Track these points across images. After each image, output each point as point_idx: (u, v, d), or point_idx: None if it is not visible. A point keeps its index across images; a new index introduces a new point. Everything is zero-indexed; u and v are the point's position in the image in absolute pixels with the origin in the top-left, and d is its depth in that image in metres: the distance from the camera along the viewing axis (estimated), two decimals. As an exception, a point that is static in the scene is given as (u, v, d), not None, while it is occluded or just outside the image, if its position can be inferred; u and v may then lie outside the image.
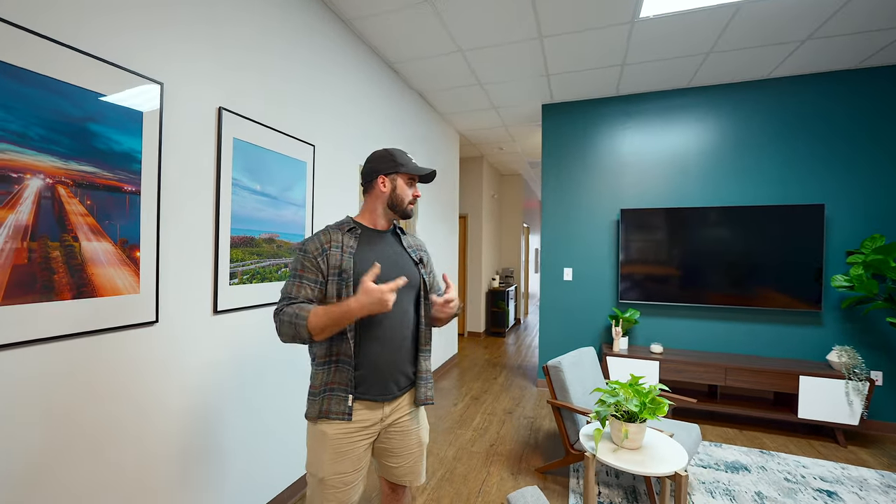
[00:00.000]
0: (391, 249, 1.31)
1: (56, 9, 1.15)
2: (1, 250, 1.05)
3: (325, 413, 1.16)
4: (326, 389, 1.18)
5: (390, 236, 1.35)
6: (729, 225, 3.21)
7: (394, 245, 1.33)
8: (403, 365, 1.27)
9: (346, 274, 1.18)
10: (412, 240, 1.42)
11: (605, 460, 1.52)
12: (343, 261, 1.19)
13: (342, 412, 1.16)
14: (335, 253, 1.19)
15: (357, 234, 1.26)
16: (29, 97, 1.09)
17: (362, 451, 1.22)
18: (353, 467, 1.20)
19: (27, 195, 1.09)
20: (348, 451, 1.19)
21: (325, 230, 1.24)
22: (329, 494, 1.18)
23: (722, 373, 2.98)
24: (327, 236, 1.22)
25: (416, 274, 1.32)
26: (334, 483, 1.17)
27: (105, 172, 1.27)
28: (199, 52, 1.58)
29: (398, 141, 3.31)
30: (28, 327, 1.10)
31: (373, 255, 1.23)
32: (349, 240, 1.23)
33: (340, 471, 1.18)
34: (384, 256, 1.26)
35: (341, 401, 1.17)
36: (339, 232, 1.24)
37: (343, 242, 1.21)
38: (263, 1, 1.90)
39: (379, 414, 1.23)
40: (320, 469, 1.17)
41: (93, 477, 1.24)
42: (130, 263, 1.35)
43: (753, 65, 3.01)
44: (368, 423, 1.22)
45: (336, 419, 1.16)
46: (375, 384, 1.22)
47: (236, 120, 1.75)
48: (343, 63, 2.53)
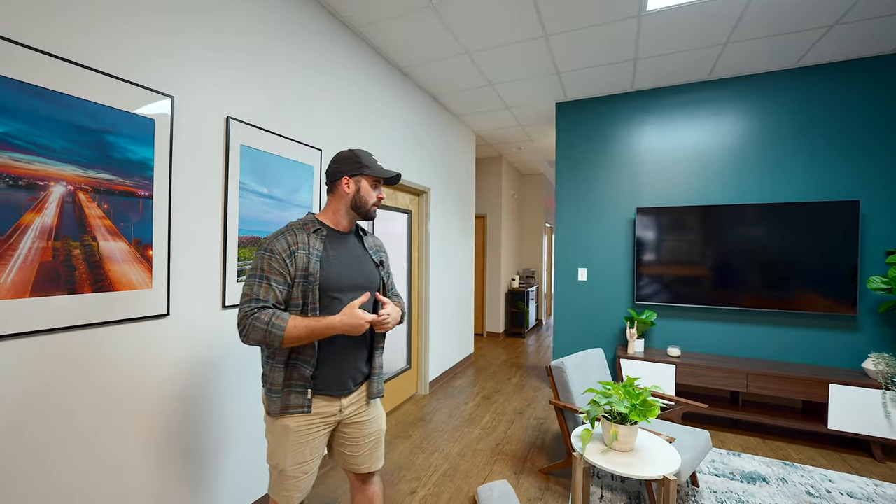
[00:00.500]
0: (355, 252, 1.34)
1: (75, 33, 1.29)
2: (29, 249, 1.19)
3: (284, 409, 1.21)
4: (286, 386, 1.22)
5: (353, 237, 1.37)
6: (755, 223, 3.05)
7: (357, 247, 1.36)
8: (360, 362, 1.33)
9: (312, 277, 1.20)
10: (373, 241, 1.46)
11: (593, 461, 1.51)
12: (310, 264, 1.20)
13: (302, 405, 1.22)
14: (302, 255, 1.20)
15: (322, 235, 1.28)
16: (54, 114, 1.24)
17: (320, 440, 1.29)
18: (311, 455, 1.26)
19: (52, 200, 1.24)
20: (308, 442, 1.25)
21: (291, 230, 1.24)
22: (289, 484, 1.24)
23: (743, 378, 2.84)
24: (294, 237, 1.22)
25: (376, 276, 1.37)
26: (294, 473, 1.24)
27: (121, 179, 1.41)
28: (207, 65, 1.71)
29: (410, 142, 3.38)
30: (53, 317, 1.24)
31: (337, 258, 1.28)
32: (315, 241, 1.24)
33: (300, 461, 1.24)
34: (349, 259, 1.31)
35: (300, 396, 1.22)
36: (305, 232, 1.25)
37: (310, 244, 1.23)
38: (266, 10, 2.02)
39: (337, 406, 1.29)
40: (282, 461, 1.23)
41: (110, 449, 1.38)
42: (144, 261, 1.48)
43: (777, 54, 2.85)
44: (327, 415, 1.27)
45: (296, 413, 1.21)
46: (334, 381, 1.27)
47: (243, 128, 1.87)
48: (350, 68, 2.62)
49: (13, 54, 1.15)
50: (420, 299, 3.70)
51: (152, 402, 1.51)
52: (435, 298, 3.87)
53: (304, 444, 1.24)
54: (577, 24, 2.52)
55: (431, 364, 3.81)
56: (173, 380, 1.58)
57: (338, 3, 2.35)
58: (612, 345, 3.59)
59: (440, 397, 3.64)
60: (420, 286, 3.71)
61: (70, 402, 1.28)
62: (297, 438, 1.23)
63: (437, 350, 3.92)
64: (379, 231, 3.18)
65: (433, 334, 3.84)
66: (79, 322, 1.30)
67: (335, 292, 1.24)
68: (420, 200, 3.73)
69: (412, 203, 3.63)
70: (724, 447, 2.73)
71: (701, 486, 2.25)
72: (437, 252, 3.91)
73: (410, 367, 3.62)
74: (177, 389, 1.59)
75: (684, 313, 3.34)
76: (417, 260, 3.70)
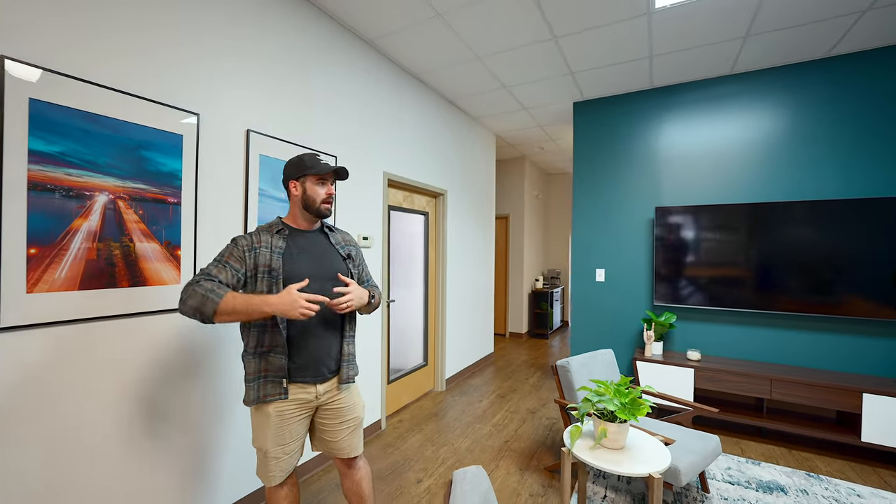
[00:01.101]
0: (319, 248, 1.45)
1: (117, 64, 1.50)
2: (78, 249, 1.41)
3: (262, 398, 1.33)
4: (261, 376, 1.34)
5: (318, 234, 1.49)
6: (786, 222, 2.90)
7: (322, 243, 1.48)
8: (332, 350, 1.44)
9: (275, 272, 1.33)
10: (341, 236, 1.56)
11: (581, 456, 1.55)
12: (273, 260, 1.34)
13: (279, 393, 1.34)
14: (265, 253, 1.34)
15: (284, 234, 1.41)
16: (99, 134, 1.45)
17: (299, 425, 1.41)
18: (291, 438, 1.39)
19: (96, 208, 1.45)
20: (288, 426, 1.37)
21: (256, 231, 1.40)
22: (272, 465, 1.37)
23: (766, 384, 2.71)
24: (257, 237, 1.36)
25: (343, 268, 1.47)
26: (276, 454, 1.37)
27: (153, 188, 1.62)
28: (230, 85, 1.90)
29: (426, 145, 3.50)
30: (97, 307, 1.46)
31: (301, 254, 1.39)
32: (278, 241, 1.38)
33: (281, 443, 1.37)
34: (313, 254, 1.42)
35: (277, 384, 1.34)
36: (269, 234, 1.39)
37: (272, 243, 1.36)
38: (287, 31, 2.20)
39: (313, 392, 1.41)
40: (264, 444, 1.36)
41: (140, 415, 1.59)
42: (173, 260, 1.69)
43: (806, 44, 2.70)
44: (304, 401, 1.40)
45: (274, 399, 1.33)
46: (309, 369, 1.39)
47: (262, 139, 2.05)
48: (365, 78, 2.77)
49: (67, 86, 1.37)
50: (437, 298, 3.81)
51: (177, 383, 1.71)
52: (452, 298, 3.97)
53: (284, 429, 1.37)
54: (584, 25, 2.53)
55: (448, 361, 3.91)
56: (195, 366, 1.78)
57: (350, 19, 2.50)
58: (631, 347, 3.53)
59: (456, 394, 3.73)
60: (436, 286, 3.81)
61: (114, 383, 1.50)
62: (277, 423, 1.35)
63: (453, 348, 4.01)
64: (396, 232, 3.32)
65: (450, 332, 3.93)
66: (118, 312, 1.51)
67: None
68: (437, 202, 3.83)
69: (429, 205, 3.74)
70: (744, 455, 2.63)
71: (712, 493, 2.20)
72: (454, 253, 4.00)
73: (427, 363, 3.73)
74: (193, 373, 1.79)
75: (706, 316, 3.23)
76: (434, 260, 3.81)
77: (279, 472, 1.39)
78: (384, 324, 3.03)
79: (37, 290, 1.32)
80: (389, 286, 3.21)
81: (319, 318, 1.40)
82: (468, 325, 4.31)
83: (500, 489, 2.24)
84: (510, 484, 2.30)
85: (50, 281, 1.34)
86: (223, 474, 1.88)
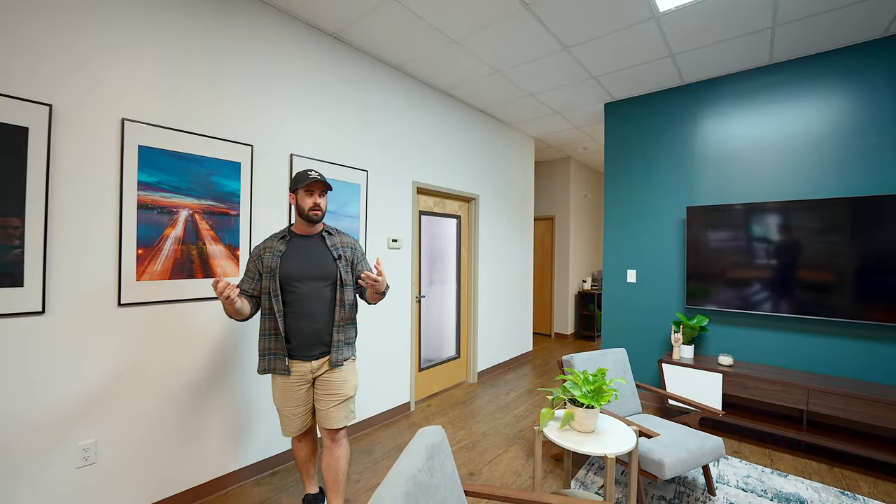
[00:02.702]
0: (314, 250, 1.75)
1: (192, 114, 2.04)
2: (169, 249, 1.96)
3: (271, 369, 1.71)
4: (269, 353, 1.71)
5: (316, 238, 1.78)
6: (837, 220, 2.66)
7: (317, 245, 1.77)
8: (321, 335, 1.74)
9: (273, 271, 1.67)
10: (338, 239, 1.82)
11: (549, 436, 1.73)
12: (272, 261, 1.68)
13: (283, 369, 1.70)
14: (268, 256, 1.70)
15: (287, 240, 1.74)
16: (182, 166, 2.00)
17: (303, 392, 1.75)
18: (296, 403, 1.76)
19: (180, 220, 2.00)
20: (292, 392, 1.74)
21: (267, 239, 1.76)
22: (285, 419, 1.78)
23: (802, 394, 2.54)
24: (265, 244, 1.73)
25: (332, 268, 1.75)
26: (286, 413, 1.77)
27: (219, 204, 2.14)
28: (280, 120, 2.40)
29: (457, 154, 3.79)
30: (182, 293, 2.01)
31: (296, 255, 1.71)
32: (280, 245, 1.72)
33: (288, 405, 1.75)
34: (306, 255, 1.72)
35: (281, 361, 1.70)
36: (275, 239, 1.74)
37: (274, 247, 1.71)
38: (322, 66, 2.65)
39: (308, 367, 1.74)
40: (278, 403, 1.78)
41: (199, 376, 2.12)
42: (233, 259, 2.21)
43: (853, 25, 2.48)
44: (302, 373, 1.73)
45: (280, 373, 1.71)
46: (302, 348, 1.71)
47: (303, 160, 2.53)
48: (395, 98, 3.16)
49: (162, 134, 1.92)
50: (469, 296, 4.07)
51: (229, 349, 2.23)
52: (484, 296, 4.20)
53: (289, 393, 1.74)
54: (589, 35, 2.63)
55: (480, 356, 4.15)
56: (244, 340, 2.29)
57: (378, 51, 2.89)
58: (662, 349, 3.45)
59: (486, 387, 3.96)
60: (469, 285, 4.08)
61: (193, 342, 2.04)
62: (282, 387, 1.75)
63: (486, 344, 4.24)
64: (429, 235, 3.66)
65: (482, 329, 4.17)
66: (196, 296, 2.05)
67: (293, 281, 1.69)
68: (469, 206, 4.10)
69: (461, 209, 4.03)
70: (773, 466, 2.50)
71: (719, 496, 2.18)
72: (486, 254, 4.23)
73: (459, 356, 4.02)
74: (240, 346, 2.30)
75: (741, 320, 3.06)
76: (466, 260, 4.08)
77: (290, 427, 1.78)
78: (414, 317, 3.39)
79: (143, 278, 1.88)
80: (420, 283, 3.57)
81: (313, 308, 1.71)
82: (502, 323, 4.50)
83: (504, 470, 2.45)
84: (514, 466, 2.50)
85: (151, 272, 1.91)
86: (261, 422, 2.37)
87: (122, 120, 1.81)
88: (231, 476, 2.19)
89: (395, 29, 2.60)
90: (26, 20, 1.57)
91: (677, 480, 2.33)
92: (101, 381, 1.77)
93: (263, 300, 1.72)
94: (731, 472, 2.43)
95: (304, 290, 1.70)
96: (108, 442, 1.79)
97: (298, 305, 1.70)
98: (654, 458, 1.95)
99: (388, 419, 3.12)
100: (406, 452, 1.21)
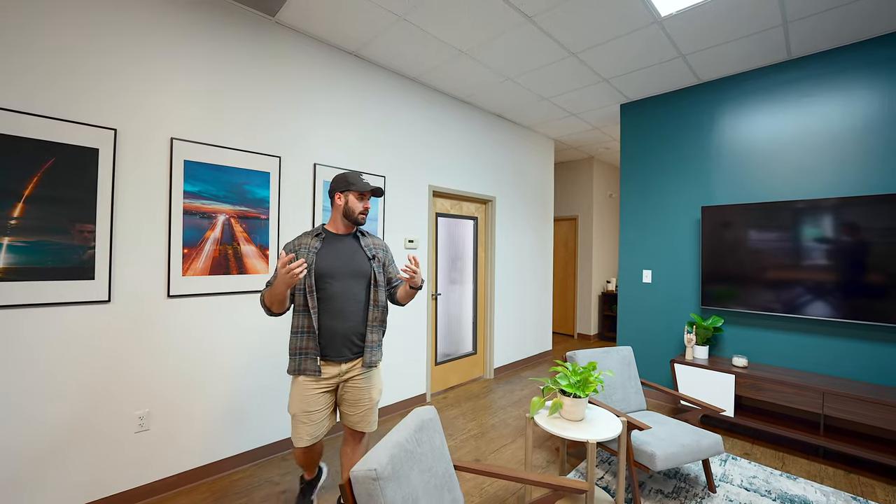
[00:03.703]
0: (349, 249, 1.74)
1: (229, 130, 2.34)
2: (209, 250, 2.27)
3: (301, 370, 1.63)
4: (300, 353, 1.63)
5: (350, 238, 1.77)
6: (858, 219, 2.57)
7: (352, 245, 1.75)
8: (354, 336, 1.68)
9: (309, 267, 1.61)
10: (371, 240, 1.82)
11: (539, 422, 1.86)
12: (308, 257, 1.64)
13: (314, 370, 1.63)
14: (303, 251, 1.66)
15: (322, 237, 1.71)
16: (219, 177, 2.30)
17: (324, 397, 1.67)
18: (315, 407, 1.65)
19: (218, 223, 2.30)
20: (312, 397, 1.65)
21: (301, 235, 1.73)
22: (298, 427, 1.66)
23: (818, 398, 2.49)
24: (299, 240, 1.70)
25: (367, 266, 1.73)
26: (301, 419, 1.65)
27: (251, 209, 2.43)
28: (305, 133, 2.67)
29: (474, 157, 3.95)
30: (219, 287, 2.31)
31: (333, 253, 1.68)
32: (315, 242, 1.69)
33: (306, 410, 1.65)
34: (341, 253, 1.70)
35: (313, 361, 1.62)
36: (309, 236, 1.71)
37: (310, 244, 1.68)
38: (339, 77, 2.91)
39: (336, 370, 1.67)
40: (293, 408, 1.67)
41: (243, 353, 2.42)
42: (264, 258, 2.49)
43: (873, 17, 2.40)
44: (328, 377, 1.66)
45: (310, 374, 1.63)
46: (332, 348, 1.65)
47: (326, 168, 2.79)
48: (411, 107, 3.36)
49: (204, 150, 2.23)
50: (486, 295, 4.22)
51: (256, 344, 2.52)
52: (501, 295, 4.32)
53: (309, 399, 1.64)
54: (596, 40, 2.70)
55: (497, 353, 4.28)
56: (268, 334, 2.57)
57: (393, 65, 3.11)
58: (677, 349, 3.44)
59: (502, 383, 4.08)
60: (485, 284, 4.22)
61: (228, 329, 2.34)
62: (303, 393, 1.65)
63: (502, 341, 4.36)
64: (448, 235, 3.85)
65: (498, 326, 4.29)
66: (231, 290, 2.35)
67: (327, 278, 1.66)
68: (486, 208, 4.24)
69: (477, 210, 4.18)
70: (784, 469, 2.47)
71: (719, 493, 2.20)
72: (503, 254, 4.35)
73: (476, 352, 4.17)
74: (262, 339, 2.58)
75: (759, 321, 3.00)
76: (483, 261, 4.22)
77: (306, 436, 1.66)
78: (431, 314, 3.58)
79: (187, 274, 2.20)
80: (437, 281, 3.75)
81: (346, 307, 1.67)
82: (519, 322, 4.60)
83: (508, 458, 2.59)
84: (518, 455, 2.63)
85: (194, 269, 2.22)
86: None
87: (170, 139, 2.13)
88: (275, 445, 2.48)
89: (408, 45, 2.80)
90: (93, 58, 1.91)
91: (678, 476, 2.37)
92: (152, 359, 2.09)
93: (298, 297, 1.67)
94: (737, 472, 2.42)
95: (339, 289, 1.67)
96: (158, 412, 2.11)
97: (332, 303, 1.66)
98: (646, 450, 2.02)
99: (404, 409, 3.33)
100: (399, 425, 1.40)
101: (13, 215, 1.72)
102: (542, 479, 1.51)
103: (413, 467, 1.31)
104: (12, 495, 1.73)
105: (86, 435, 1.90)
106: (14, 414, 1.73)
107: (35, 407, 1.78)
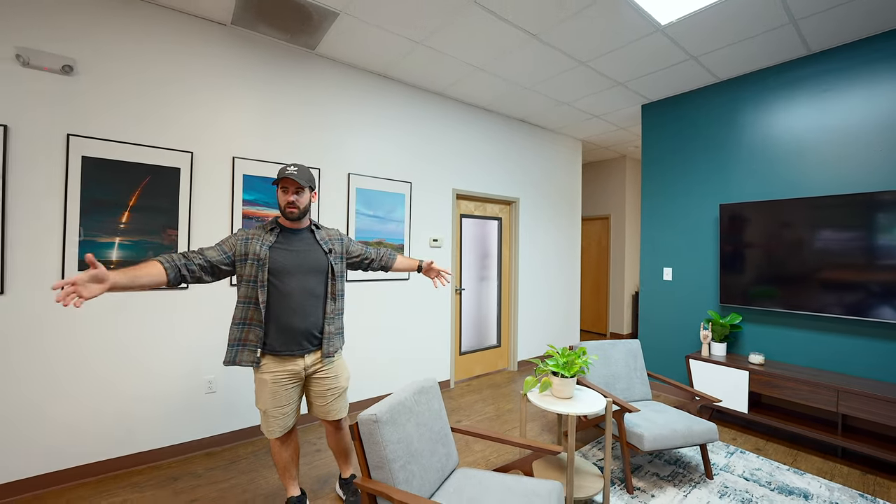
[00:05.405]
0: (304, 244, 1.71)
1: (276, 146, 2.82)
2: (262, 248, 2.76)
3: (236, 361, 1.59)
4: (238, 343, 1.60)
5: (305, 232, 1.74)
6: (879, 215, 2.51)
7: (306, 239, 1.73)
8: (312, 329, 1.68)
9: (262, 261, 1.59)
10: (325, 233, 1.81)
11: (531, 399, 2.10)
12: (261, 251, 1.59)
13: (251, 361, 1.59)
14: (255, 244, 1.61)
15: (276, 231, 1.67)
16: (268, 187, 2.78)
17: (291, 391, 1.68)
18: (285, 402, 1.67)
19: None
20: (282, 391, 1.65)
21: (255, 227, 1.68)
22: (271, 421, 1.66)
23: (832, 396, 2.47)
24: (252, 231, 1.65)
25: (325, 261, 1.73)
26: (273, 413, 1.65)
27: (295, 214, 2.89)
28: (338, 147, 3.10)
29: (497, 161, 4.20)
30: (269, 278, 2.79)
31: (286, 249, 1.66)
32: (269, 235, 1.65)
33: (276, 405, 1.65)
34: (295, 248, 1.68)
35: (251, 353, 1.59)
36: (263, 229, 1.67)
37: (263, 237, 1.63)
38: (370, 97, 3.30)
39: (301, 364, 1.67)
40: (263, 404, 1.66)
41: (290, 345, 2.88)
42: (305, 254, 2.94)
43: (876, 13, 2.35)
44: (293, 371, 1.66)
45: (246, 365, 1.60)
46: (287, 342, 1.63)
47: (358, 178, 3.20)
48: (433, 117, 3.69)
49: (256, 164, 2.72)
50: (510, 292, 4.44)
51: (309, 325, 2.97)
52: (525, 292, 4.52)
53: (279, 393, 1.64)
54: (603, 49, 2.86)
55: (520, 346, 4.49)
56: (319, 316, 3.02)
57: (417, 82, 3.46)
58: (694, 345, 3.45)
59: (525, 374, 4.29)
60: (510, 281, 4.45)
61: (275, 317, 2.81)
62: (272, 388, 1.63)
63: (526, 335, 4.55)
64: (474, 235, 4.14)
65: (522, 322, 4.50)
66: (279, 281, 2.83)
67: (282, 274, 1.63)
68: (510, 209, 4.47)
69: (501, 211, 4.42)
70: (794, 465, 2.48)
71: (716, 481, 2.29)
72: (526, 254, 4.55)
73: (500, 345, 4.41)
74: (320, 322, 3.02)
75: (778, 319, 2.97)
76: (508, 259, 4.45)
77: (278, 428, 1.68)
78: (455, 308, 3.89)
79: (245, 267, 2.69)
80: (461, 278, 4.05)
81: (305, 303, 1.66)
82: (544, 318, 4.76)
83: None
84: (528, 436, 2.85)
85: (250, 263, 2.71)
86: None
87: (233, 157, 2.63)
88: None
89: (428, 65, 3.14)
90: (178, 96, 2.45)
91: (678, 462, 2.48)
92: (216, 336, 2.60)
93: (246, 289, 1.62)
94: (741, 464, 2.48)
95: (294, 285, 1.65)
96: (222, 378, 2.62)
97: (289, 300, 1.63)
98: (636, 431, 2.18)
99: (429, 392, 3.67)
100: (401, 387, 1.73)
101: (122, 221, 2.28)
102: (522, 441, 1.77)
103: (410, 419, 1.63)
104: (122, 432, 2.28)
105: (179, 394, 2.44)
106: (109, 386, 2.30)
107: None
